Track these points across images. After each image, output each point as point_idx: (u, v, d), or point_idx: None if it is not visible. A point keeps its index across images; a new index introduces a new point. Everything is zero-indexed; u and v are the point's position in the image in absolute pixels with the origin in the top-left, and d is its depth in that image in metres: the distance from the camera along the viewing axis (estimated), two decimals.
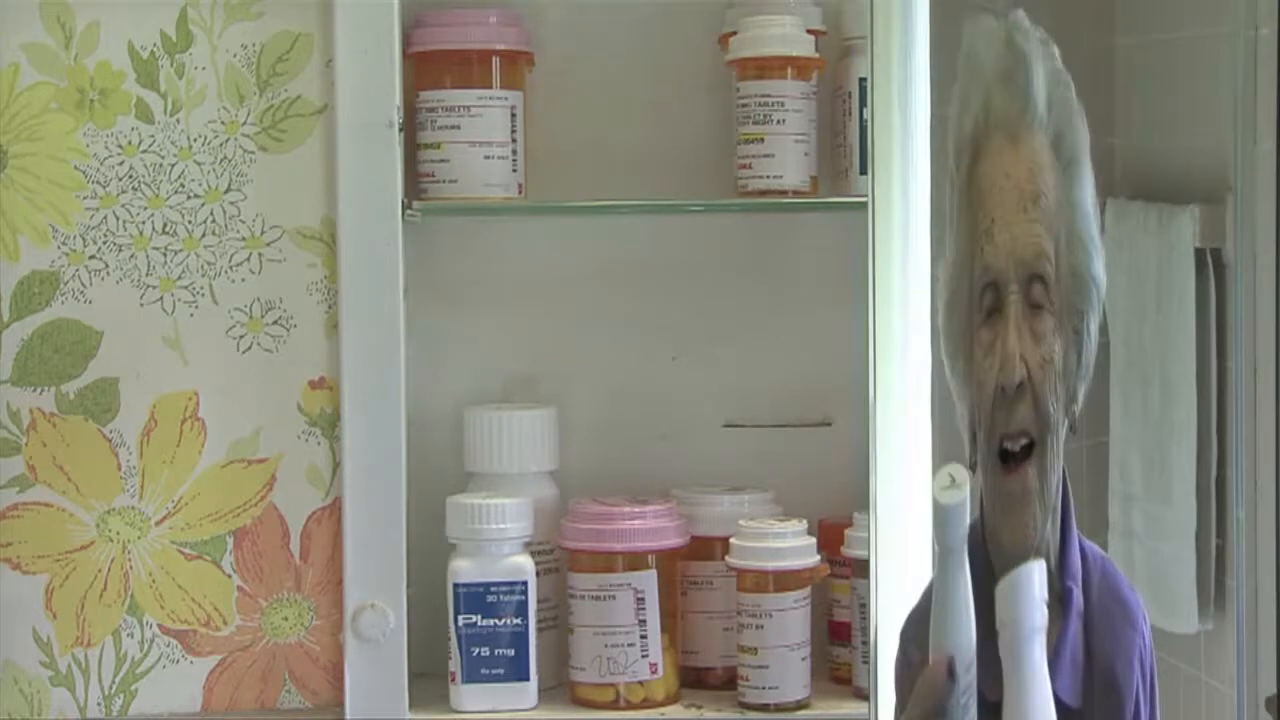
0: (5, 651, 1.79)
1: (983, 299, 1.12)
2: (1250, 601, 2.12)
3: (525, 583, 1.82)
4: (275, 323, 1.79)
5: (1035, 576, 1.14)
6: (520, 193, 1.87)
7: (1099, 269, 1.18)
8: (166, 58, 1.78)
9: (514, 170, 1.86)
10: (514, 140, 1.86)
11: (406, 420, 1.80)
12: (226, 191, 1.79)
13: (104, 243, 1.78)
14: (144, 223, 1.78)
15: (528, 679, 1.82)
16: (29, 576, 1.78)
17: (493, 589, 1.82)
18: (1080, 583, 1.22)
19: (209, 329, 1.79)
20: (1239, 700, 2.09)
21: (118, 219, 1.78)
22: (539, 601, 1.84)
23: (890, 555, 1.59)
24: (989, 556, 1.18)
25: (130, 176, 1.78)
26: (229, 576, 1.80)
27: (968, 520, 1.09)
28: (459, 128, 1.84)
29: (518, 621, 1.82)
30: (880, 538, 1.59)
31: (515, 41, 1.87)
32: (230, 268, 1.79)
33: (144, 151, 1.78)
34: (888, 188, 1.58)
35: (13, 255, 1.77)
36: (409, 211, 1.81)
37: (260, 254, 1.79)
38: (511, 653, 1.82)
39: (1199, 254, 2.28)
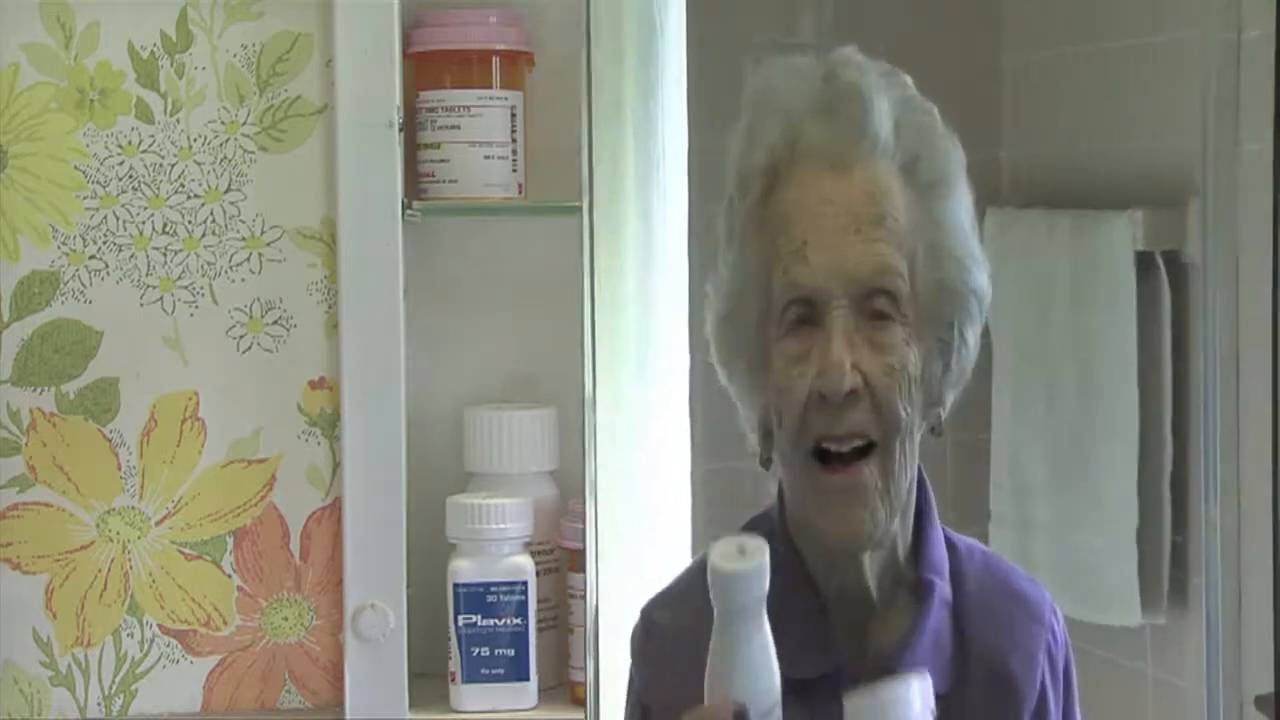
0: (5, 651, 1.79)
1: (785, 313, 1.18)
2: (1231, 600, 2.13)
3: (525, 583, 1.82)
4: (275, 323, 1.79)
5: (914, 695, 1.17)
6: (520, 193, 1.87)
7: (978, 281, 1.25)
8: (166, 58, 1.78)
9: (514, 170, 1.86)
10: (514, 140, 1.86)
11: (406, 420, 1.80)
12: (226, 191, 1.79)
13: (104, 243, 1.78)
14: (144, 223, 1.78)
15: (528, 679, 1.82)
16: (29, 576, 1.78)
17: (493, 589, 1.82)
18: (947, 575, 1.26)
19: (209, 329, 1.79)
20: (1209, 696, 2.10)
21: (118, 219, 1.78)
22: (539, 601, 1.84)
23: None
24: (797, 550, 1.25)
25: (130, 176, 1.78)
26: (229, 576, 1.80)
27: (766, 582, 1.13)
28: (459, 128, 1.85)
29: (518, 621, 1.82)
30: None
31: (515, 41, 1.87)
32: (230, 268, 1.79)
33: (144, 151, 1.78)
34: (619, 206, 1.69)
35: (13, 255, 1.77)
36: (409, 211, 1.81)
37: (260, 254, 1.79)
38: (511, 653, 1.82)
39: (1144, 256, 2.31)
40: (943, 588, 1.27)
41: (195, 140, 1.78)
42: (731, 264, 1.25)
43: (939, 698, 1.20)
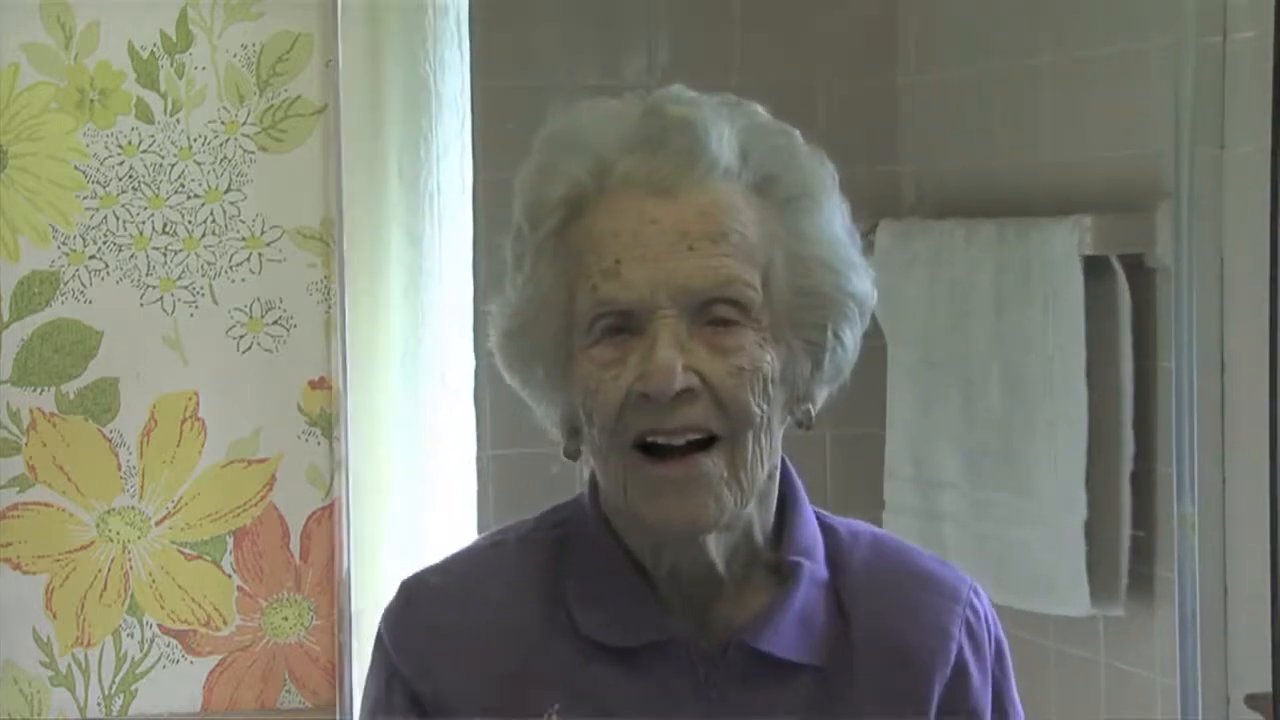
0: (5, 651, 1.78)
1: (594, 325, 1.31)
2: (1212, 595, 2.16)
3: None
4: (275, 323, 1.80)
5: None
6: None
7: (856, 286, 1.38)
8: (166, 58, 1.78)
9: None
10: None
11: None
12: (226, 191, 1.79)
13: (104, 243, 1.78)
14: (144, 223, 1.78)
15: None
16: (29, 576, 1.78)
17: None
18: (820, 558, 1.38)
19: (209, 329, 1.79)
20: (1183, 689, 2.13)
21: (118, 219, 1.78)
22: None
23: None
24: (613, 531, 1.37)
25: (130, 176, 1.78)
26: (229, 576, 1.80)
27: None
28: None
29: None
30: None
31: None
32: (230, 268, 1.79)
33: (144, 151, 1.78)
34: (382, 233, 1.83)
35: (13, 255, 1.77)
36: None
37: (260, 254, 1.79)
38: None
39: (1097, 260, 2.36)
40: (812, 569, 1.38)
41: (195, 140, 1.78)
42: (520, 287, 1.36)
43: (813, 670, 1.34)
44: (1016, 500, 2.51)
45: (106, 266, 1.78)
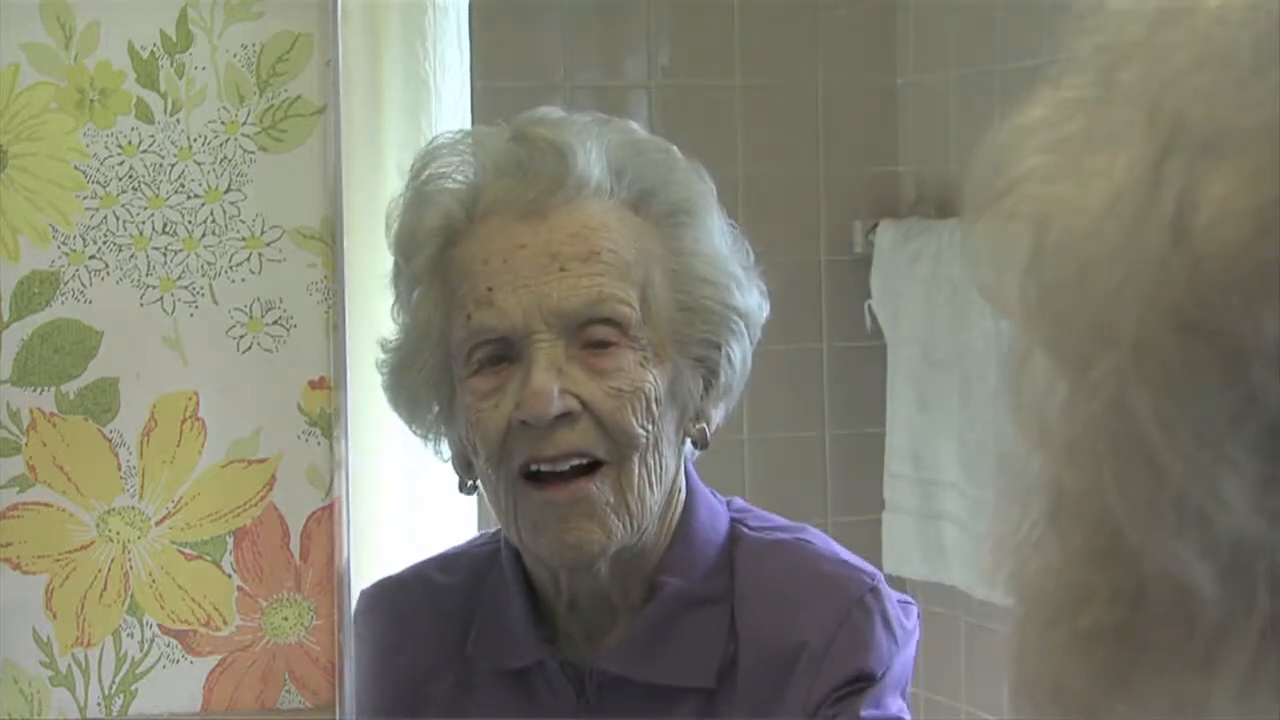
0: (5, 651, 1.79)
1: (472, 355, 1.31)
2: None
3: None
4: (275, 323, 1.80)
5: None
6: None
7: (740, 301, 1.36)
8: (166, 58, 1.78)
9: None
10: None
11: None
12: (226, 191, 1.79)
13: (104, 243, 1.78)
14: (144, 223, 1.78)
15: None
16: (29, 576, 1.78)
17: None
18: (698, 575, 1.35)
19: (209, 329, 1.79)
20: None
21: (118, 219, 1.78)
22: None
23: None
24: (519, 559, 1.38)
25: (130, 176, 1.78)
26: (229, 576, 1.80)
27: None
28: None
29: None
30: None
31: None
32: (230, 268, 1.79)
33: (144, 151, 1.78)
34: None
35: (13, 255, 1.77)
36: None
37: (260, 254, 1.80)
38: None
39: None
40: (681, 587, 1.35)
41: (195, 140, 1.78)
42: (401, 321, 1.40)
43: (701, 693, 1.32)
44: (989, 497, 2.51)
45: (106, 266, 1.78)
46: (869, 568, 1.39)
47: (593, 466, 1.31)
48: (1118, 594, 0.52)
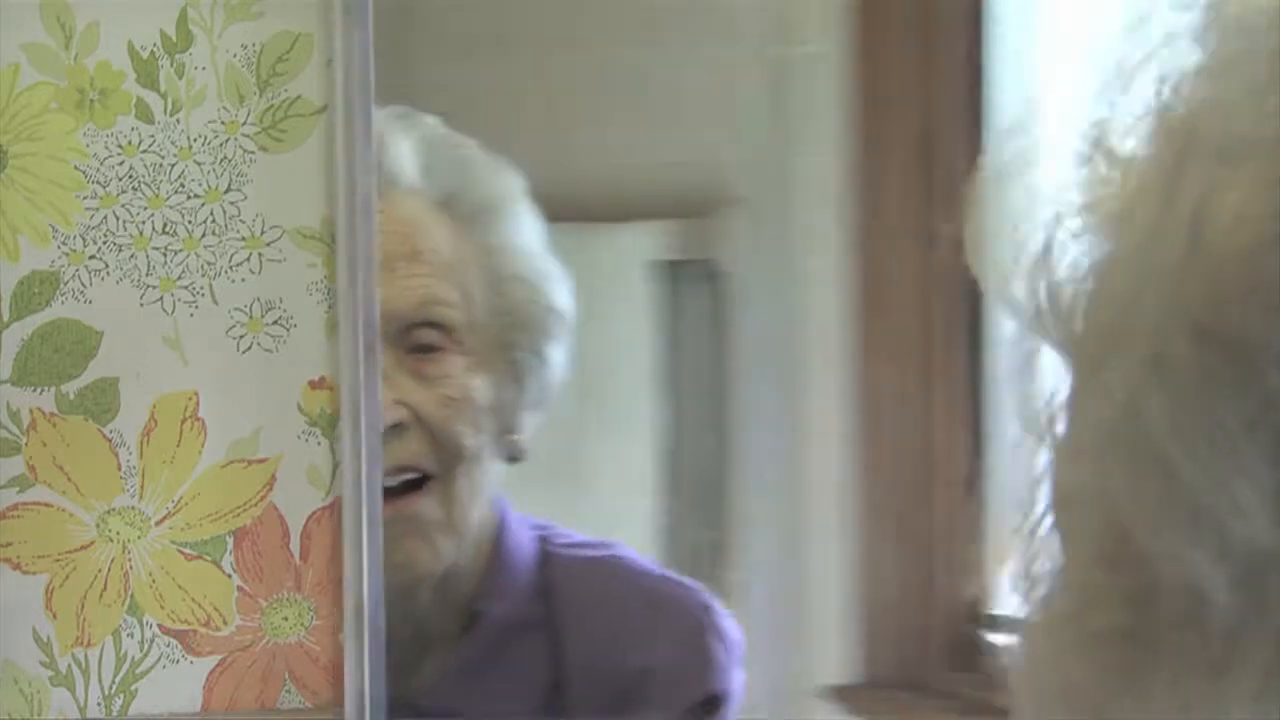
0: (5, 651, 1.78)
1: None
2: (789, 594, 2.19)
3: None
4: (275, 323, 1.79)
5: None
6: None
7: (558, 299, 1.29)
8: (166, 58, 1.78)
9: None
10: None
11: None
12: (226, 191, 1.79)
13: (104, 243, 1.78)
14: (144, 223, 1.78)
15: None
16: (29, 576, 1.78)
17: None
18: (515, 598, 1.30)
19: (209, 329, 1.79)
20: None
21: (118, 219, 1.78)
22: None
23: None
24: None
25: (130, 176, 1.78)
26: (229, 576, 1.80)
27: None
28: None
29: None
30: None
31: None
32: (230, 268, 1.79)
33: (144, 151, 1.78)
34: None
35: (13, 255, 1.77)
36: None
37: (260, 254, 1.79)
38: None
39: (678, 265, 2.39)
40: (500, 612, 1.30)
41: (195, 140, 1.78)
42: None
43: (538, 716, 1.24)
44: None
45: (106, 266, 1.78)
46: (693, 583, 1.34)
47: (420, 481, 1.25)
48: (1129, 597, 0.52)
